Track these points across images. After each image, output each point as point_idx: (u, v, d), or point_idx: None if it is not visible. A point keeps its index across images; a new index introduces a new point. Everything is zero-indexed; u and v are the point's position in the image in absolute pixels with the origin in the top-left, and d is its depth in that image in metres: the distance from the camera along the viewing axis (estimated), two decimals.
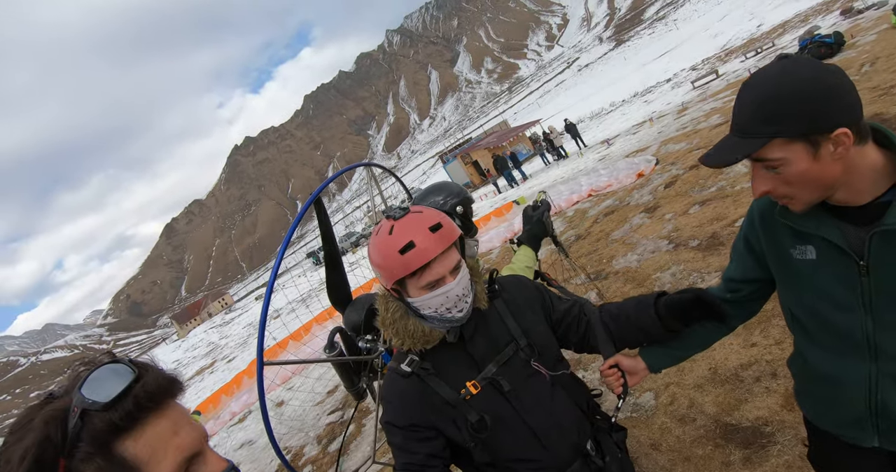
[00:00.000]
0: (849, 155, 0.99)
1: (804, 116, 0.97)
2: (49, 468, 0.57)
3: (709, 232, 5.17)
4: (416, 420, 1.34)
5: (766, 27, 35.71)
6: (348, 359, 2.50)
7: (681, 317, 1.35)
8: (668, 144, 11.04)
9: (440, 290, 1.26)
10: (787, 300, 1.26)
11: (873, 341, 1.11)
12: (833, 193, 1.06)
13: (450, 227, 1.29)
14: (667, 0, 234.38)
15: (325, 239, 2.89)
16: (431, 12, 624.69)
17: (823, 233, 1.10)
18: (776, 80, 0.99)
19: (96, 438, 0.60)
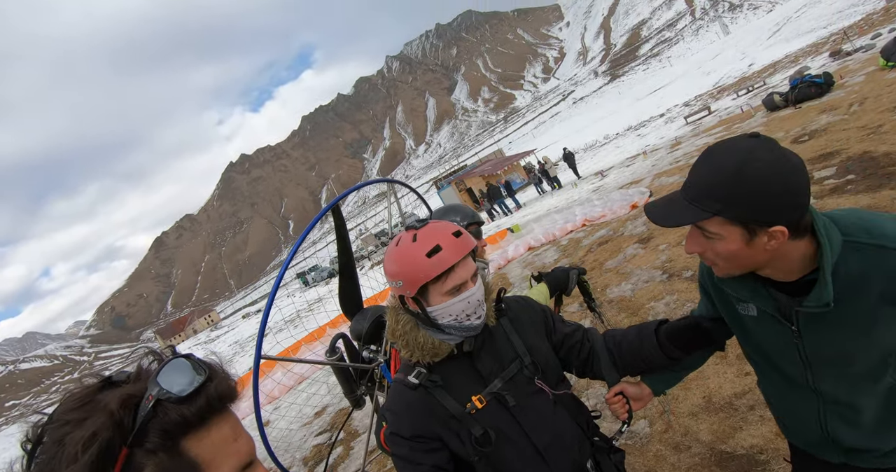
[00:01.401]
0: (783, 248, 1.04)
1: (749, 206, 1.00)
2: (112, 456, 0.56)
3: None
4: (422, 432, 1.35)
5: (757, 66, 36.83)
6: (350, 365, 2.51)
7: (681, 345, 1.40)
8: (661, 176, 11.25)
9: (463, 295, 1.30)
10: (741, 342, 1.36)
11: (815, 387, 1.21)
12: (758, 270, 1.12)
13: (467, 235, 1.34)
14: (661, 38, 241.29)
15: (341, 248, 2.92)
16: (431, 40, 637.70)
17: (758, 302, 1.19)
18: (738, 159, 1.00)
19: (166, 431, 0.59)
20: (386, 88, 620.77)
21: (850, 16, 37.02)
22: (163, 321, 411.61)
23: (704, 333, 1.37)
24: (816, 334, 1.13)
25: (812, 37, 36.15)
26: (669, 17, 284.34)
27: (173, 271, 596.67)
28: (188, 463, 0.60)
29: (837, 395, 1.19)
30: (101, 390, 0.61)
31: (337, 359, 2.65)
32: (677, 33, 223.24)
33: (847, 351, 1.12)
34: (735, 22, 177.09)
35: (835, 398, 1.19)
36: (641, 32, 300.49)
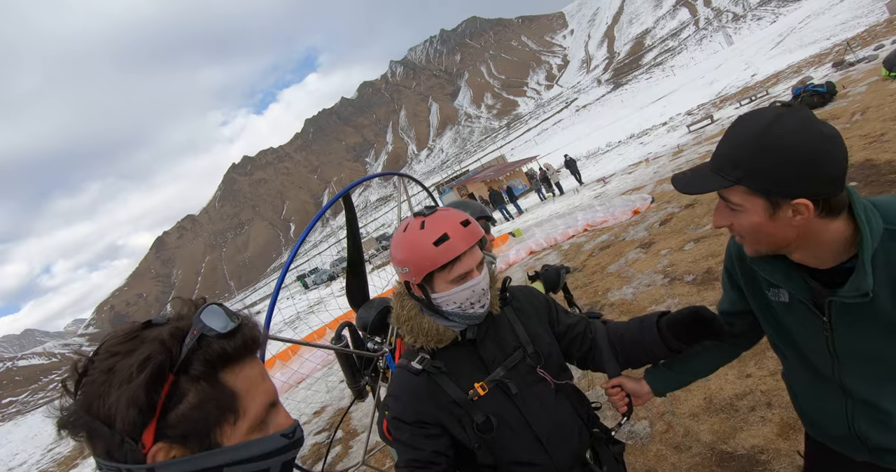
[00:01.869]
0: (808, 225, 0.98)
1: (770, 175, 0.95)
2: (162, 379, 0.62)
3: (704, 267, 5.27)
4: (423, 417, 1.35)
5: (760, 77, 36.97)
6: (355, 351, 2.52)
7: (682, 336, 1.38)
8: (663, 183, 11.27)
9: (468, 283, 1.30)
10: (768, 332, 1.31)
11: (843, 383, 1.16)
12: (787, 252, 1.06)
13: (475, 225, 1.34)
14: (665, 47, 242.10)
15: (351, 239, 2.94)
16: (436, 46, 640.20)
17: (791, 287, 1.11)
18: (763, 126, 0.96)
19: (208, 361, 0.65)
20: (389, 93, 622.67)
21: (854, 27, 37.20)
22: None
23: (705, 322, 1.34)
24: (849, 327, 1.06)
25: (815, 48, 36.34)
26: (673, 26, 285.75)
27: (174, 271, 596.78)
28: (226, 392, 0.66)
29: (866, 395, 1.13)
30: (143, 329, 0.67)
31: (343, 347, 2.67)
32: (681, 43, 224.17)
33: (879, 349, 1.06)
34: (738, 32, 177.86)
35: (863, 398, 1.14)
36: (645, 41, 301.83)
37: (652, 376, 1.52)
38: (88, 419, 0.62)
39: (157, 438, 0.63)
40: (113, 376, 0.62)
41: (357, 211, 2.89)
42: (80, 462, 13.32)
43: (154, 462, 0.62)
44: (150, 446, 0.63)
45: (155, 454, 0.63)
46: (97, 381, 0.63)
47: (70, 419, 0.63)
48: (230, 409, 0.67)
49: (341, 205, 2.81)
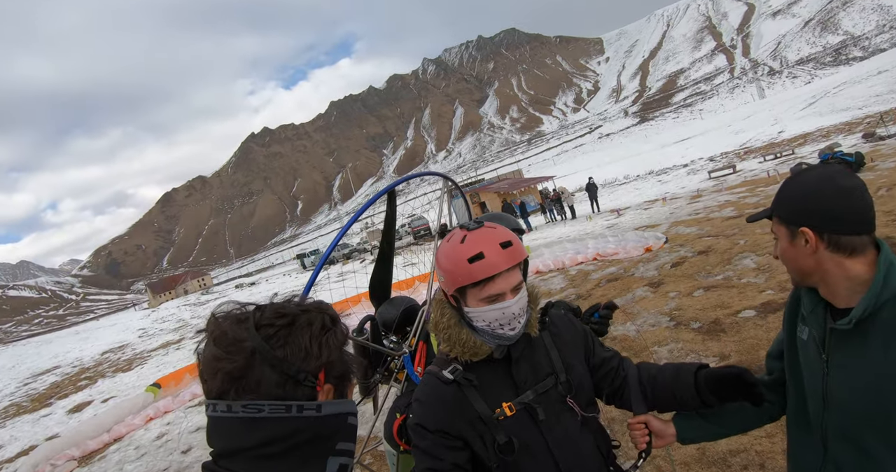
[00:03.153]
0: (821, 256, 1.13)
1: (787, 208, 1.19)
2: (328, 335, 0.84)
3: (711, 317, 5.30)
4: (447, 428, 1.35)
5: (787, 134, 37.01)
6: (375, 346, 2.54)
7: (719, 392, 1.38)
8: (678, 226, 11.31)
9: (498, 305, 1.30)
10: (787, 369, 1.36)
11: (825, 436, 1.22)
12: (817, 284, 1.20)
13: (519, 247, 1.33)
14: (697, 89, 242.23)
15: (386, 233, 2.99)
16: (471, 51, 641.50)
17: (810, 320, 1.25)
18: (802, 175, 1.19)
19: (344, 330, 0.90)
20: (417, 90, 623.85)
21: (888, 101, 37.25)
22: (156, 276, 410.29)
23: (747, 385, 1.33)
24: (841, 368, 1.15)
25: (846, 115, 36.40)
26: (708, 70, 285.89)
27: (176, 228, 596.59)
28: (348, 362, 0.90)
29: (837, 453, 1.20)
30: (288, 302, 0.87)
31: (364, 340, 2.69)
32: (713, 88, 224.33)
33: (861, 399, 1.12)
34: (772, 87, 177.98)
35: (835, 458, 1.20)
36: (678, 81, 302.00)
37: (682, 420, 1.52)
38: (280, 353, 0.77)
39: (326, 380, 0.83)
40: (296, 327, 0.80)
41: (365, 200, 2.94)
42: (54, 402, 13.33)
43: (325, 400, 0.81)
44: (323, 385, 0.82)
45: (327, 392, 0.83)
46: (282, 330, 0.79)
47: (251, 360, 0.76)
48: (350, 373, 0.90)
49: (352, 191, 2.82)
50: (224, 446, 0.77)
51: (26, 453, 8.76)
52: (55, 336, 45.69)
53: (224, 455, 0.77)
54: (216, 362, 0.77)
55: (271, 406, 0.75)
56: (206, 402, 0.80)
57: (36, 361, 26.22)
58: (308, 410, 0.78)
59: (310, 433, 0.78)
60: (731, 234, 8.84)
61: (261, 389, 0.76)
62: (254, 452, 0.75)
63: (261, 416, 0.75)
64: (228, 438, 0.77)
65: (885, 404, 1.09)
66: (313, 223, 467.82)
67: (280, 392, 0.77)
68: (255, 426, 0.75)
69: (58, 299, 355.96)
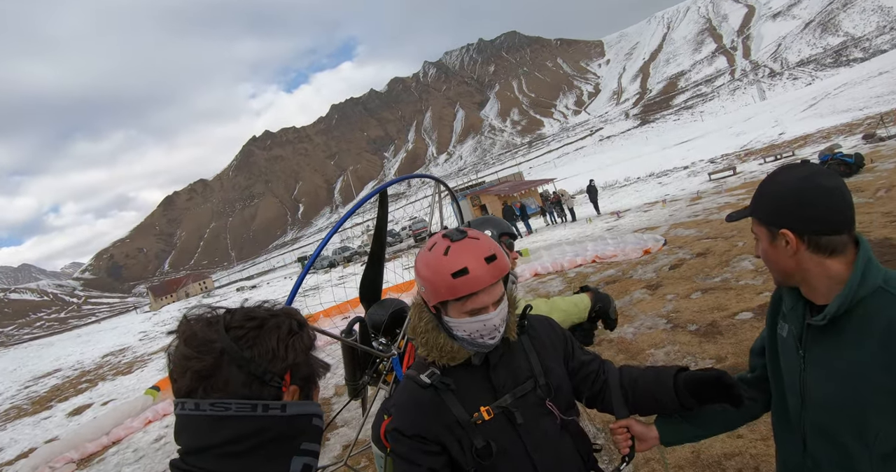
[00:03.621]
0: (802, 257, 1.14)
1: (765, 208, 1.18)
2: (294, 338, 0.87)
3: (708, 319, 5.30)
4: (424, 432, 1.35)
5: (788, 136, 36.98)
6: (365, 348, 2.54)
7: (698, 395, 1.38)
8: (677, 228, 11.30)
9: (480, 317, 1.29)
10: (769, 367, 1.36)
11: (805, 434, 1.23)
12: (798, 283, 1.20)
13: (503, 260, 1.31)
14: (697, 91, 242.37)
15: (377, 234, 2.98)
16: (472, 54, 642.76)
17: (790, 316, 1.26)
18: (780, 175, 1.19)
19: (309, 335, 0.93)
20: (418, 93, 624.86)
21: (889, 102, 37.24)
22: (157, 279, 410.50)
23: (725, 387, 1.34)
24: (816, 364, 1.17)
25: (847, 117, 36.39)
26: (709, 72, 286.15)
27: (177, 231, 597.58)
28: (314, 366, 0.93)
29: (815, 451, 1.21)
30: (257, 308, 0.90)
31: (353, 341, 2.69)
32: (714, 90, 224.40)
33: (835, 395, 1.14)
34: (773, 89, 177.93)
35: (813, 455, 1.21)
36: (679, 83, 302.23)
37: (664, 424, 1.52)
38: (248, 353, 0.80)
39: (292, 381, 0.86)
40: (263, 332, 0.83)
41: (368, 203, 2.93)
42: (55, 405, 13.33)
43: (289, 401, 0.84)
44: (289, 386, 0.85)
45: (293, 393, 0.86)
46: (251, 331, 0.83)
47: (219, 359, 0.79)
48: (316, 376, 0.93)
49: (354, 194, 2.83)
50: (192, 443, 0.79)
51: (26, 455, 8.76)
52: (56, 339, 45.76)
53: (191, 453, 0.79)
54: (186, 362, 0.80)
55: (238, 405, 0.78)
56: (175, 400, 0.82)
57: (37, 364, 26.24)
58: (273, 409, 0.80)
59: (274, 431, 0.80)
60: (730, 236, 8.84)
61: (228, 388, 0.79)
62: (220, 449, 0.77)
63: (227, 414, 0.77)
64: (196, 435, 0.79)
65: (859, 400, 1.10)
66: (314, 226, 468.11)
67: (247, 392, 0.79)
68: (221, 425, 0.78)
69: (59, 302, 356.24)
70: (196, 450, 0.79)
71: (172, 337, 0.85)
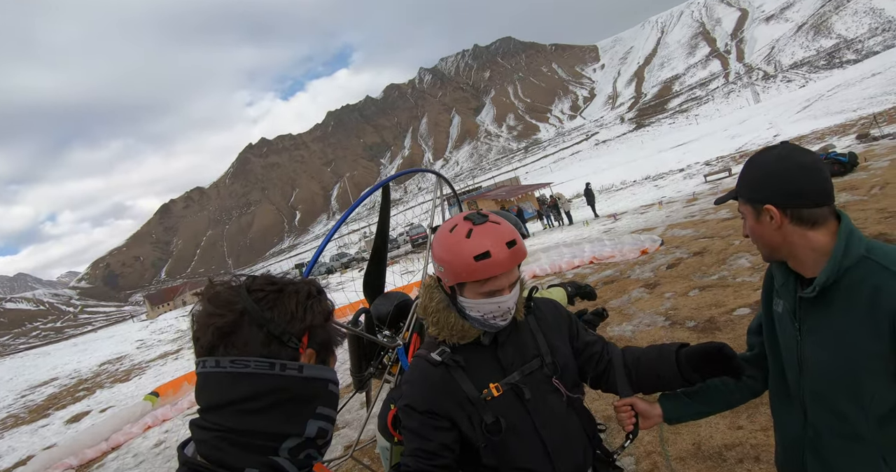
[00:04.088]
0: (786, 230, 1.20)
1: (748, 186, 1.26)
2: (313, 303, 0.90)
3: (706, 316, 5.33)
4: (435, 408, 1.38)
5: (782, 137, 37.11)
6: (370, 337, 2.56)
7: (700, 368, 1.41)
8: (674, 228, 11.36)
9: (496, 299, 1.33)
10: (766, 343, 1.41)
11: (804, 402, 1.28)
12: (786, 258, 1.26)
13: (522, 246, 1.35)
14: (692, 95, 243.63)
15: (380, 229, 3.01)
16: (467, 60, 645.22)
17: (782, 292, 1.31)
18: (759, 156, 1.27)
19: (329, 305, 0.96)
20: (414, 99, 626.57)
21: (882, 103, 37.48)
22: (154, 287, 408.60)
23: (726, 359, 1.37)
24: (810, 333, 1.22)
25: (841, 118, 36.60)
26: (703, 76, 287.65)
27: (174, 239, 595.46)
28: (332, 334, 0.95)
29: (815, 418, 1.25)
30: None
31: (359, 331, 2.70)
32: (708, 93, 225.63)
33: (831, 363, 1.18)
34: (767, 91, 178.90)
35: (814, 423, 1.25)
36: (673, 87, 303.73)
37: (667, 401, 1.55)
38: (268, 314, 0.82)
39: (309, 344, 0.87)
40: (283, 295, 0.85)
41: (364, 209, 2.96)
42: (52, 413, 13.26)
43: (307, 363, 0.86)
44: (306, 348, 0.87)
45: (310, 356, 0.87)
46: (271, 294, 0.85)
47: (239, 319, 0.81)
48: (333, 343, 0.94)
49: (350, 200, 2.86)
50: (211, 400, 0.81)
51: (24, 463, 8.72)
52: (53, 348, 45.44)
53: (211, 409, 0.81)
54: (208, 318, 0.82)
55: (257, 363, 0.80)
56: (196, 360, 0.84)
57: (34, 373, 26.07)
58: (290, 369, 0.82)
59: (292, 392, 0.82)
60: (726, 235, 8.89)
61: (248, 347, 0.81)
62: (238, 406, 0.79)
63: (247, 371, 0.79)
64: (216, 392, 0.81)
65: (852, 366, 1.15)
66: (311, 233, 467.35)
67: (265, 351, 0.81)
68: (240, 381, 0.80)
69: (56, 312, 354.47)
70: (215, 406, 0.80)
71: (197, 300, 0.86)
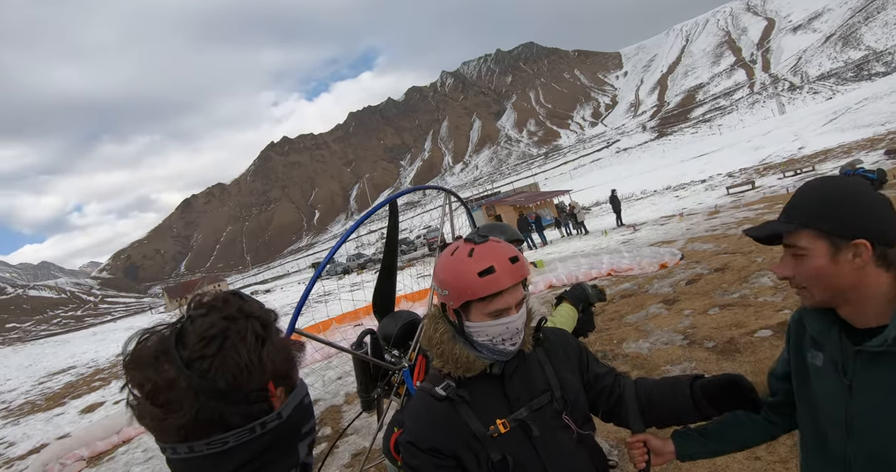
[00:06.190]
0: (867, 271, 1.04)
1: (833, 217, 1.06)
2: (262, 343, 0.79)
3: (726, 336, 5.20)
4: (439, 446, 1.33)
5: (807, 151, 36.46)
6: (375, 361, 2.53)
7: (715, 402, 1.36)
8: (694, 242, 11.17)
9: (503, 319, 1.29)
10: (797, 397, 1.30)
11: (849, 467, 1.14)
12: (842, 303, 1.11)
13: (524, 262, 1.33)
14: (716, 104, 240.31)
15: (389, 245, 2.98)
16: (489, 64, 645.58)
17: (825, 342, 1.16)
18: (830, 183, 1.11)
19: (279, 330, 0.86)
20: (436, 102, 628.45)
21: None
22: (173, 280, 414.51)
23: (743, 392, 1.32)
24: (869, 391, 1.08)
25: (868, 131, 35.75)
26: (728, 85, 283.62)
27: (194, 234, 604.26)
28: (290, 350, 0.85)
29: None
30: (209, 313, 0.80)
31: (362, 354, 2.68)
32: (732, 103, 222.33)
33: (891, 428, 1.05)
34: (792, 103, 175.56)
35: None
36: (697, 96, 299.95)
37: (681, 438, 1.50)
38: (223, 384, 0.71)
39: (277, 385, 0.80)
40: (226, 352, 0.73)
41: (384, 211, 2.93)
42: (68, 401, 13.47)
43: (280, 407, 0.79)
44: (275, 392, 0.79)
45: (280, 396, 0.80)
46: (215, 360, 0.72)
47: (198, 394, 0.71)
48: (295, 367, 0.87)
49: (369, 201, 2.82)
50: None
51: (38, 451, 8.86)
52: (72, 336, 46.39)
53: None
54: (163, 422, 0.72)
55: (235, 436, 0.73)
56: (162, 445, 0.75)
57: (52, 360, 26.58)
58: (271, 422, 0.76)
59: (277, 437, 0.78)
60: (748, 251, 8.70)
61: (217, 426, 0.72)
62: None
63: (227, 448, 0.73)
64: None
65: None
66: (329, 233, 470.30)
67: (238, 420, 0.73)
68: (223, 459, 0.73)
69: (76, 301, 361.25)
70: None
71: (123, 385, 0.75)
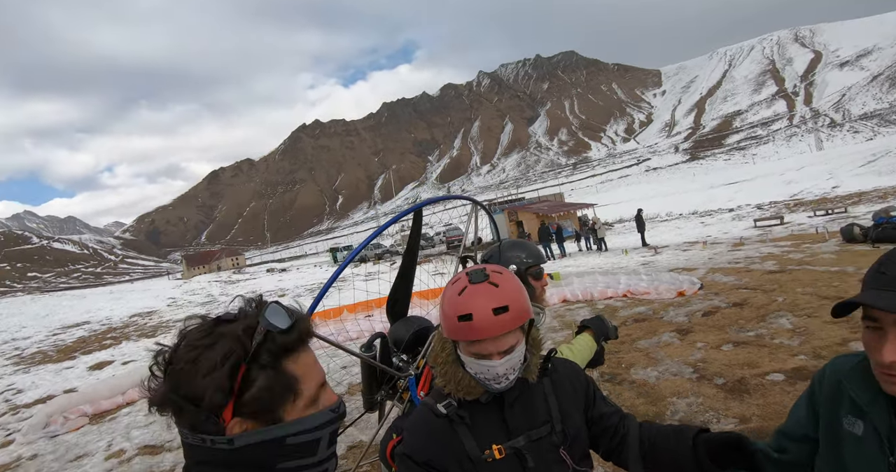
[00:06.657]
0: None
1: None
2: (237, 370, 0.76)
3: (738, 375, 5.12)
4: (434, 462, 1.34)
5: (841, 191, 35.67)
6: (381, 366, 2.55)
7: (717, 459, 1.33)
8: (716, 273, 11.00)
9: (484, 362, 1.29)
10: (824, 463, 1.24)
11: None
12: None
13: (517, 311, 1.28)
14: (752, 133, 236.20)
15: (408, 252, 3.00)
16: (527, 69, 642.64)
17: (871, 411, 1.10)
18: None
19: (273, 353, 0.80)
20: (469, 101, 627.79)
21: None
22: (193, 249, 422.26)
23: (746, 454, 1.29)
24: None
25: None
26: (766, 115, 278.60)
27: (219, 205, 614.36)
28: (288, 377, 0.81)
29: None
30: (216, 325, 0.82)
31: (370, 357, 2.70)
32: (769, 134, 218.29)
33: None
34: (831, 140, 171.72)
35: None
36: (734, 122, 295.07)
37: None
38: (179, 399, 0.76)
39: (235, 415, 0.77)
40: (198, 366, 0.76)
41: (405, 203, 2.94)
42: (78, 356, 13.80)
43: (231, 435, 0.77)
44: (229, 421, 0.78)
45: (232, 427, 0.78)
46: (184, 370, 0.77)
47: (161, 400, 0.78)
48: (291, 390, 0.81)
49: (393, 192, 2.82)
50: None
51: (44, 401, 9.07)
52: (89, 292, 47.40)
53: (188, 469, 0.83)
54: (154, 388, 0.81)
55: (191, 435, 0.79)
56: None
57: (68, 314, 27.17)
58: (219, 444, 0.78)
59: (239, 461, 0.79)
60: (770, 289, 8.55)
61: (183, 423, 0.79)
62: (196, 469, 0.81)
63: (187, 442, 0.80)
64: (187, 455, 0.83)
65: None
66: (350, 219, 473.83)
67: (190, 422, 0.78)
68: (189, 450, 0.81)
69: (98, 258, 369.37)
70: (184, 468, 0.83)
71: None
